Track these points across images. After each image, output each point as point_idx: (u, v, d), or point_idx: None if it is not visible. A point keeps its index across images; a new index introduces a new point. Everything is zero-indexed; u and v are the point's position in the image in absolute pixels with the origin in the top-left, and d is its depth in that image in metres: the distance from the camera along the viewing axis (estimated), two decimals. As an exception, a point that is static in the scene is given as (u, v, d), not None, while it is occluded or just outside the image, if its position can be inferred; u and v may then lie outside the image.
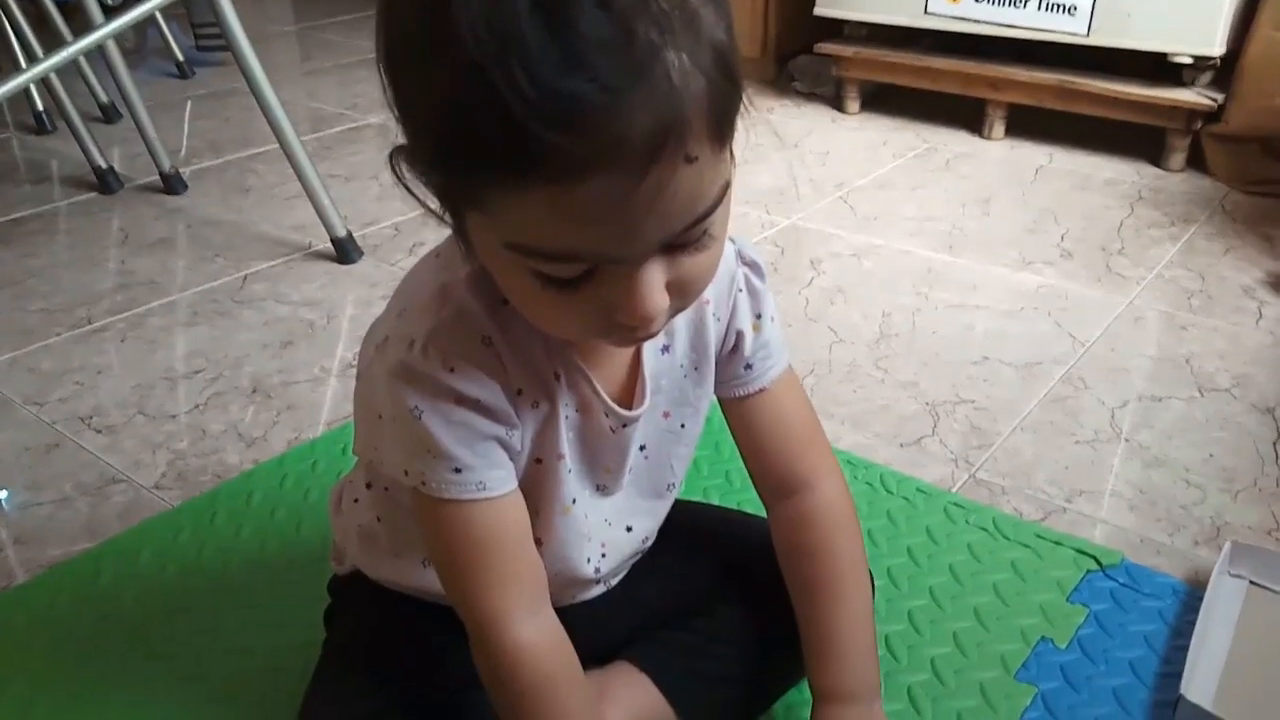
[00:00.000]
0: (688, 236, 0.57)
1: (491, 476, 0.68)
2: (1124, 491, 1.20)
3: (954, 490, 1.20)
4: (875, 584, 0.94)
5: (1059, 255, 1.80)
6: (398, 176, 0.57)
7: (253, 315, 1.62)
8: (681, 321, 0.76)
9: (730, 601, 0.89)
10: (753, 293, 0.78)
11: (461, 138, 0.51)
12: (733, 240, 0.75)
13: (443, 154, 0.54)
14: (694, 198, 0.55)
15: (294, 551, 1.09)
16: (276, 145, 1.78)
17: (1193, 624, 0.93)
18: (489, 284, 0.64)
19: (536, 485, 0.74)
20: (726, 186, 0.58)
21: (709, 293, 0.73)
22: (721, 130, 0.55)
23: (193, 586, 1.05)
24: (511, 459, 0.70)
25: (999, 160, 2.26)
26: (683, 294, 0.61)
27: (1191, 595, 1.01)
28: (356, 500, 0.83)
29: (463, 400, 0.65)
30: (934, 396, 1.39)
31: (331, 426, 1.32)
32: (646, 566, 0.89)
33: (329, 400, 1.39)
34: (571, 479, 0.75)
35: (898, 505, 1.17)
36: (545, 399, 0.70)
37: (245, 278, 1.75)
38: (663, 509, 0.84)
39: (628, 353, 0.74)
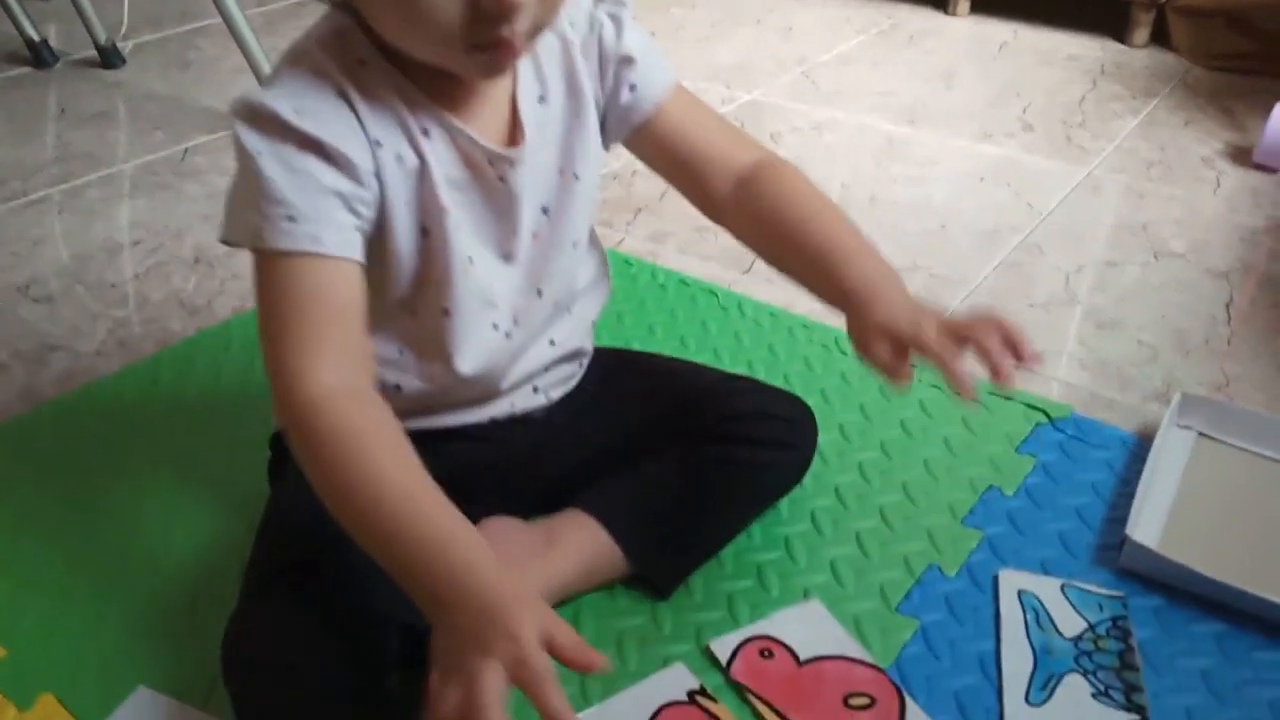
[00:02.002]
0: None
1: (326, 233, 0.65)
2: (1076, 352, 1.20)
3: (908, 352, 1.20)
4: (824, 437, 0.94)
5: (1020, 128, 1.78)
6: None
7: (195, 187, 1.57)
8: (553, 70, 0.76)
9: (679, 443, 0.88)
10: (615, 21, 0.78)
11: None
12: None
13: None
14: None
15: (241, 414, 1.07)
16: (219, 19, 1.71)
17: (1140, 474, 0.94)
18: (345, 44, 0.67)
19: (430, 256, 0.72)
20: None
21: (573, 35, 0.76)
22: None
23: (134, 448, 1.03)
24: (363, 227, 0.68)
25: (963, 36, 2.22)
26: None
27: (1140, 447, 1.02)
28: None
29: (306, 144, 0.64)
30: (891, 264, 1.37)
31: (277, 295, 1.29)
32: (590, 402, 0.88)
33: (275, 270, 1.35)
34: (464, 238, 0.73)
35: (851, 366, 1.16)
36: (411, 152, 0.69)
37: (186, 150, 1.69)
38: (570, 268, 0.82)
39: (504, 102, 0.74)
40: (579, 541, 0.84)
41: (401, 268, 0.72)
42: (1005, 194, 1.56)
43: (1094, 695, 0.76)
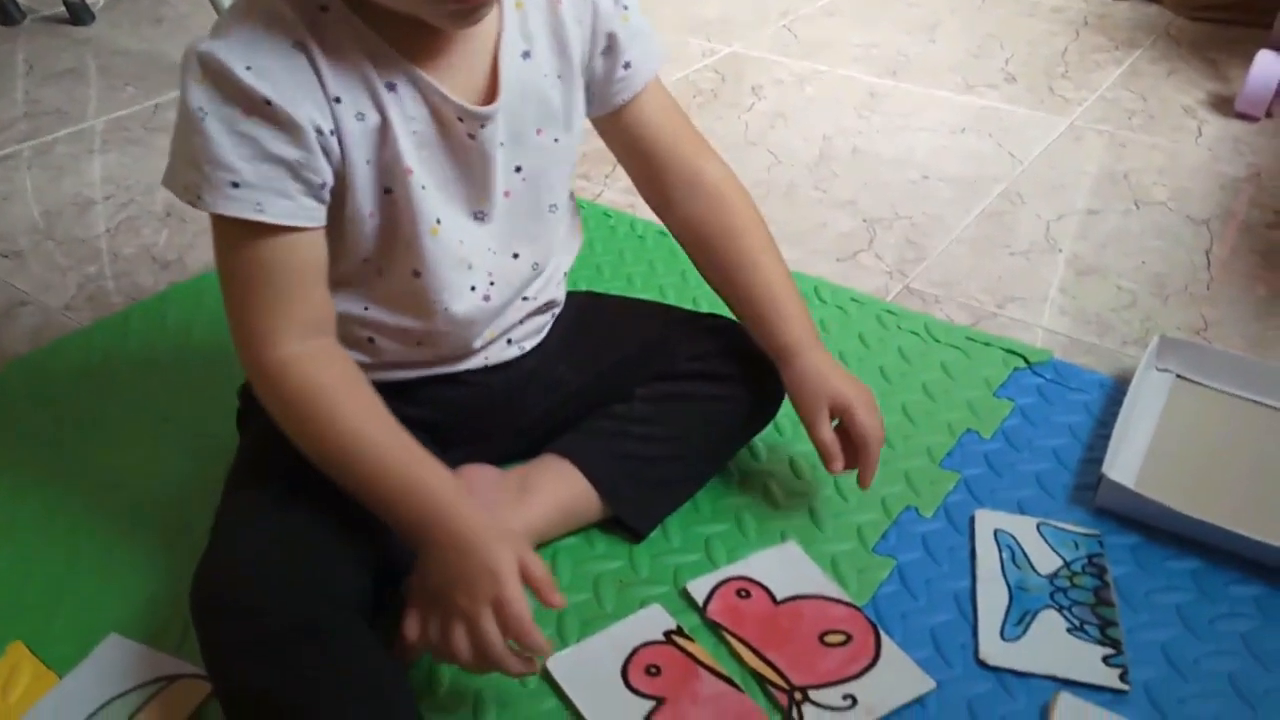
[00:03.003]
0: None
1: (272, 201, 0.63)
2: (1056, 298, 1.19)
3: (888, 300, 1.19)
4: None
5: (1002, 79, 1.76)
6: None
7: (166, 142, 1.53)
8: (540, 27, 0.73)
9: (651, 383, 0.88)
10: None
11: None
12: None
13: None
14: None
15: (213, 366, 1.06)
16: (188, -28, 1.68)
17: (1117, 416, 0.94)
18: None
19: (394, 217, 0.71)
20: None
21: None
22: None
23: (107, 402, 1.02)
24: (315, 193, 0.65)
25: (947, -11, 2.19)
26: None
27: (1117, 390, 1.01)
28: None
29: (255, 107, 0.61)
30: (871, 214, 1.37)
31: (251, 249, 1.27)
32: (562, 345, 0.87)
33: (248, 224, 1.33)
34: (430, 198, 0.71)
35: (831, 313, 1.15)
36: (373, 109, 0.66)
37: (157, 106, 1.66)
38: (548, 232, 0.81)
39: (484, 57, 0.71)
40: (555, 486, 0.84)
41: (363, 227, 0.71)
42: (987, 144, 1.54)
43: (1069, 630, 0.76)
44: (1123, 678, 0.72)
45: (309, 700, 0.61)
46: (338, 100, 0.65)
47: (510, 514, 0.80)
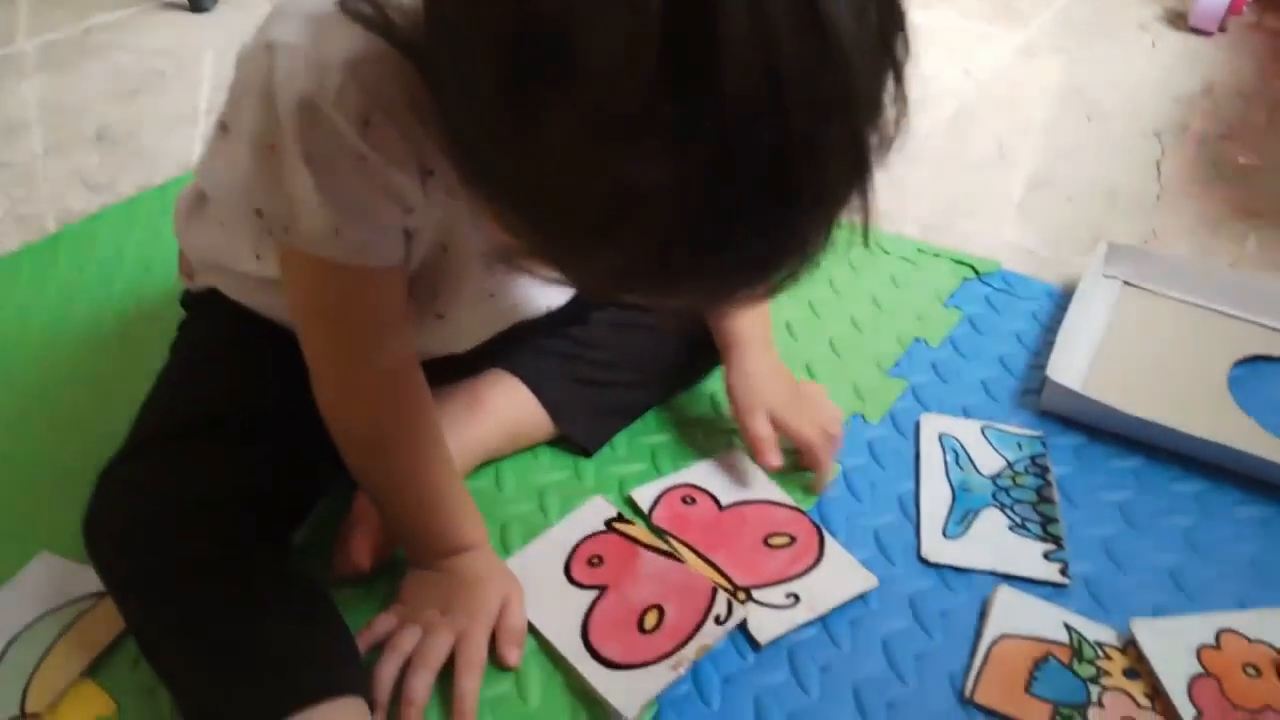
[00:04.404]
0: None
1: (372, 245, 0.58)
2: (1007, 210, 1.19)
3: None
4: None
5: (958, -4, 1.74)
6: None
7: (97, 65, 1.49)
8: None
9: (608, 309, 0.86)
10: None
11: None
12: None
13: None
14: None
15: (144, 290, 1.03)
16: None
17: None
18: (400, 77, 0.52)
19: (442, 272, 0.67)
20: None
21: None
22: None
23: (33, 325, 0.98)
24: (405, 234, 0.61)
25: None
26: None
27: (1065, 298, 1.01)
28: (205, 212, 0.75)
29: (365, 162, 0.54)
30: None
31: (187, 172, 1.23)
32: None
33: (183, 147, 1.29)
34: (489, 268, 0.68)
35: (781, 228, 1.14)
36: (461, 191, 0.60)
37: (88, 29, 1.60)
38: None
39: None
40: (503, 404, 0.82)
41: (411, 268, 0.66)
42: (940, 60, 1.52)
43: (1010, 528, 0.76)
44: (1063, 572, 0.72)
45: (214, 630, 0.59)
46: (430, 173, 0.58)
47: (460, 430, 0.79)
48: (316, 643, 0.61)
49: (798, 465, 0.80)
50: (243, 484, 0.65)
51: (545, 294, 0.77)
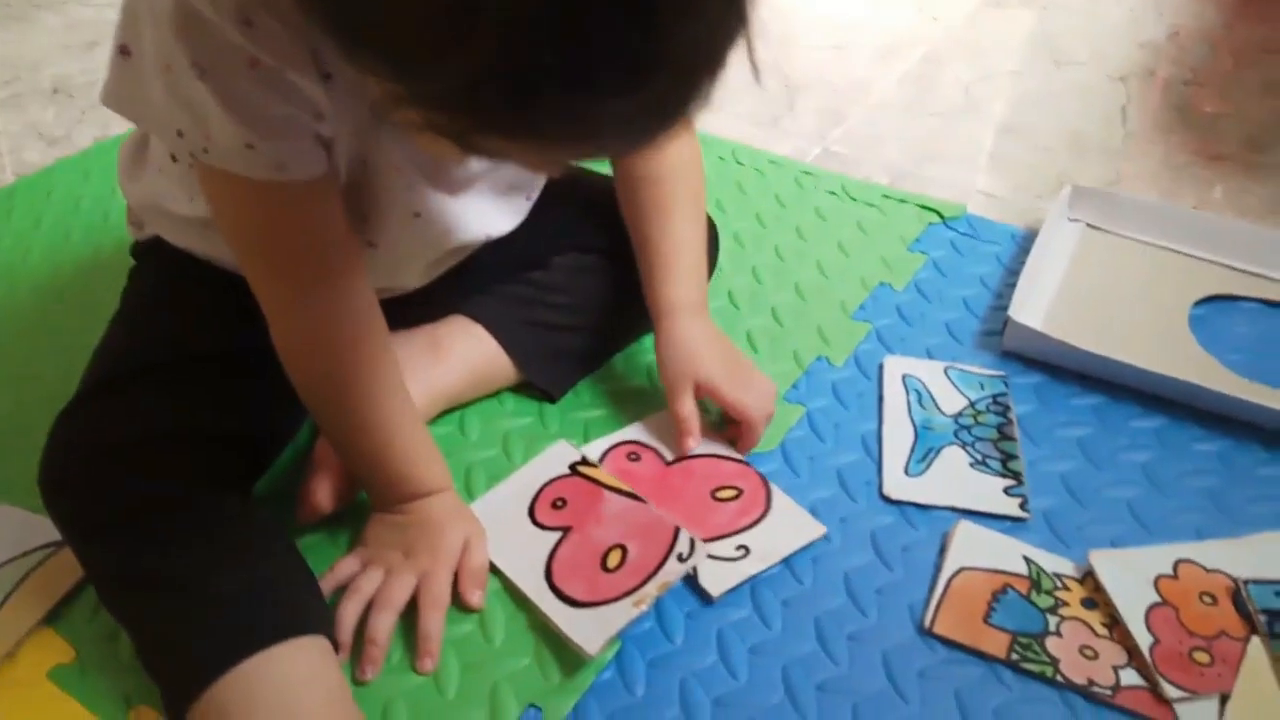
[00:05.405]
0: None
1: (291, 157, 0.56)
2: (973, 156, 1.18)
3: (808, 162, 1.17)
4: (720, 244, 0.92)
5: (927, -56, 1.73)
6: None
7: (53, 18, 1.46)
8: None
9: (568, 254, 0.85)
10: None
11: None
12: None
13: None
14: None
15: (101, 241, 1.01)
16: None
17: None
18: None
19: (366, 192, 0.65)
20: None
21: None
22: None
23: (-10, 277, 0.97)
24: (321, 144, 0.59)
25: None
26: None
27: (1030, 241, 1.01)
28: (145, 159, 0.74)
29: (258, 64, 0.52)
30: (792, 80, 1.34)
31: (144, 124, 1.21)
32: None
33: (141, 99, 1.27)
34: (411, 186, 0.66)
35: (748, 175, 1.13)
36: (365, 93, 0.58)
37: (41, -19, 1.57)
38: (521, 208, 0.77)
39: None
40: (465, 350, 0.81)
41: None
42: (908, 9, 1.52)
43: (971, 465, 0.76)
44: (1023, 506, 0.73)
45: (168, 571, 0.59)
46: (328, 77, 0.56)
47: (422, 375, 0.78)
48: (276, 582, 0.61)
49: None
50: (192, 425, 0.65)
51: (480, 218, 0.74)
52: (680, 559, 0.68)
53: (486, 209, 0.74)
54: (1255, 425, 0.80)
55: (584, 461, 0.76)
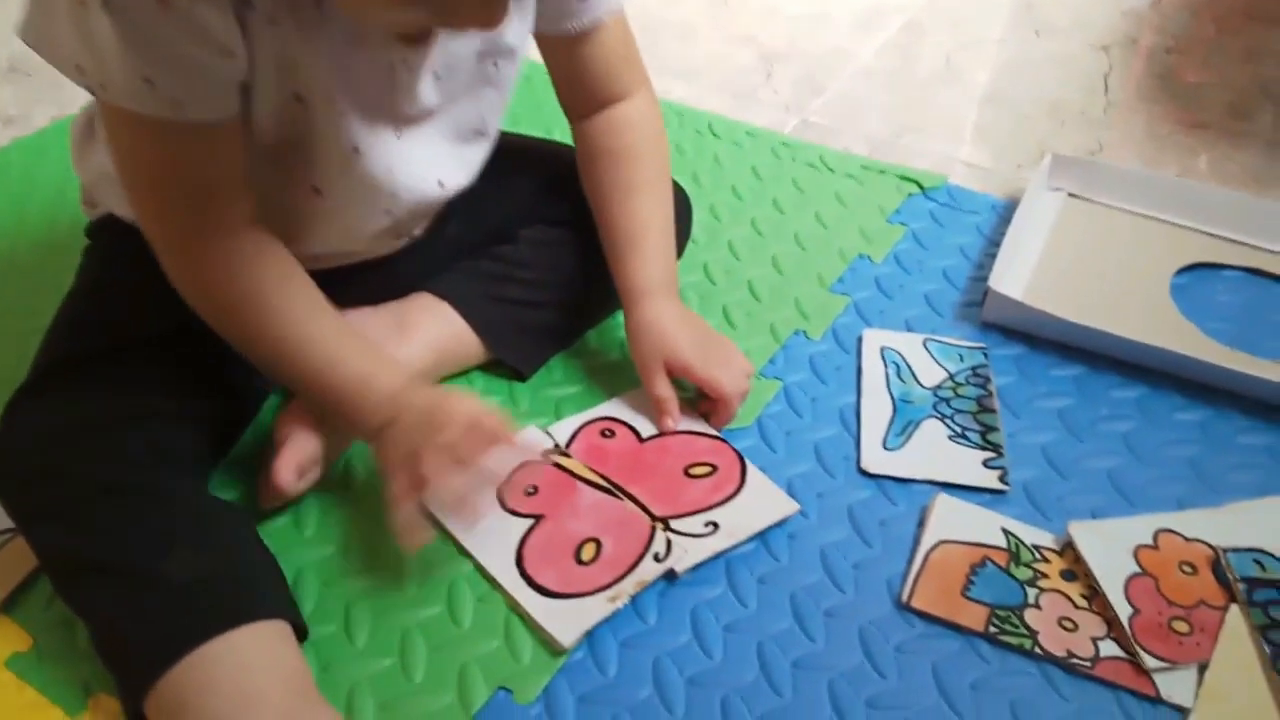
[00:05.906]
0: None
1: (191, 97, 0.55)
2: (954, 125, 1.17)
3: (786, 133, 1.15)
4: (694, 217, 0.90)
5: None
6: None
7: (12, -5, 1.42)
8: None
9: (535, 227, 0.83)
10: None
11: None
12: None
13: None
14: None
15: (58, 220, 0.98)
16: None
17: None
18: None
19: (303, 127, 0.63)
20: None
21: None
22: None
23: (-53, 259, 0.94)
24: (235, 88, 0.58)
25: None
26: None
27: (1010, 210, 0.99)
28: (95, 134, 0.71)
29: (167, 3, 0.52)
30: (770, 49, 1.32)
31: (107, 101, 1.18)
32: (450, 206, 0.82)
33: (104, 76, 1.24)
34: (350, 121, 0.63)
35: (725, 148, 1.11)
36: (288, 15, 0.57)
37: (2, -43, 1.53)
38: (473, 159, 0.75)
39: None
40: (432, 327, 0.79)
41: (260, 131, 0.62)
42: (889, -23, 1.49)
43: (950, 437, 0.75)
44: (1002, 479, 0.72)
45: (118, 557, 0.57)
46: (246, 3, 0.55)
47: (387, 351, 0.76)
48: (232, 566, 0.59)
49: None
50: (144, 406, 0.63)
51: (428, 163, 0.71)
52: (657, 559, 0.66)
53: (435, 156, 0.71)
54: (1236, 394, 0.79)
55: (557, 449, 0.74)
